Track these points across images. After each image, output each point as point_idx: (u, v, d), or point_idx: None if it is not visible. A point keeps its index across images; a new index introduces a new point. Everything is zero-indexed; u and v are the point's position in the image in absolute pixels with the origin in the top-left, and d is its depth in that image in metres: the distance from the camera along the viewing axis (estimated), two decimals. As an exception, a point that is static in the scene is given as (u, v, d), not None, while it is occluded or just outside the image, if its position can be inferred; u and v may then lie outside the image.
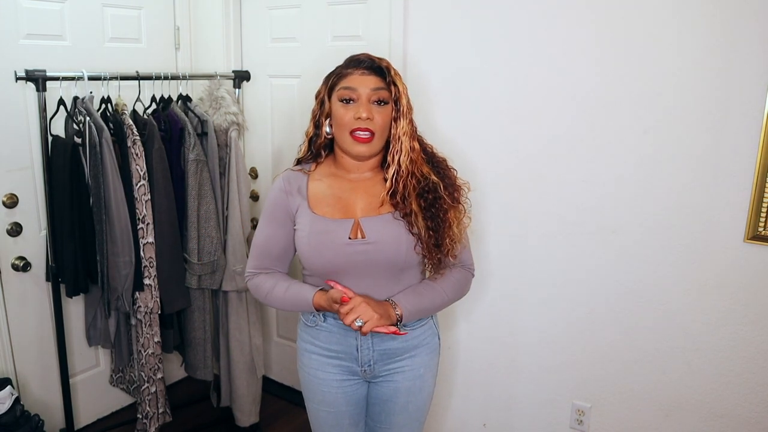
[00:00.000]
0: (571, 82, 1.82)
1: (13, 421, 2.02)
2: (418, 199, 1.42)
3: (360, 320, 1.34)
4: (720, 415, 1.77)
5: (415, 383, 1.54)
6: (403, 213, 1.42)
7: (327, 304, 1.41)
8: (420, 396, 1.57)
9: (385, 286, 1.46)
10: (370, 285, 1.44)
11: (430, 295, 1.48)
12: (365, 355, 1.50)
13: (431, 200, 1.42)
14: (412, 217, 1.41)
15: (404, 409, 1.55)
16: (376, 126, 1.39)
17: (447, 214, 1.43)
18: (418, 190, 1.42)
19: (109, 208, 2.01)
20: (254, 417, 2.50)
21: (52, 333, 2.34)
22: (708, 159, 1.65)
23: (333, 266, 1.43)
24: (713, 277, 1.71)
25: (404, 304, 1.43)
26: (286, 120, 2.58)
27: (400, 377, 1.53)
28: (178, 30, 2.63)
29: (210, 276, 2.27)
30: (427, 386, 1.58)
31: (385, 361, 1.52)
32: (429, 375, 1.58)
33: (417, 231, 1.41)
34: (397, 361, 1.52)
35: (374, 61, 1.42)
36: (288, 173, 1.52)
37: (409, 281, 1.48)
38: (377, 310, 1.36)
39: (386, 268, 1.44)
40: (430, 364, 1.57)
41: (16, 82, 1.94)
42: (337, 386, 1.53)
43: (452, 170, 1.51)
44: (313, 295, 1.43)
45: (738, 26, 1.56)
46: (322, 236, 1.42)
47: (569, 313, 1.97)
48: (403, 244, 1.42)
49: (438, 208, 1.42)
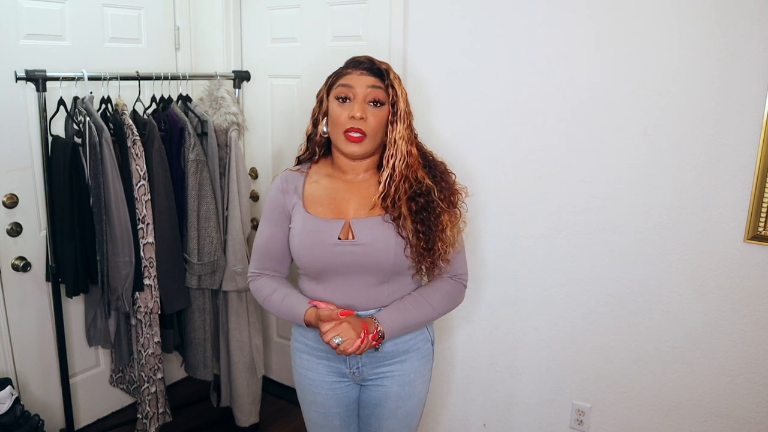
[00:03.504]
0: (571, 82, 1.82)
1: (13, 421, 2.02)
2: (408, 203, 1.41)
3: (338, 338, 1.34)
4: (720, 415, 1.77)
5: (404, 389, 1.53)
6: (393, 216, 1.42)
7: (315, 322, 1.42)
8: (410, 402, 1.55)
9: (374, 289, 1.45)
10: (359, 287, 1.45)
11: (416, 310, 1.47)
12: (353, 357, 1.50)
13: (422, 204, 1.42)
14: (401, 220, 1.41)
15: (393, 414, 1.54)
16: (368, 127, 1.39)
17: (440, 218, 1.42)
18: (409, 194, 1.41)
19: (109, 208, 2.01)
20: (254, 417, 2.50)
21: (52, 333, 2.34)
22: (708, 159, 1.65)
23: (322, 265, 1.44)
24: (713, 277, 1.71)
25: (387, 322, 1.42)
26: (286, 120, 2.58)
27: (389, 382, 1.52)
28: (178, 30, 2.63)
29: (210, 276, 2.27)
30: (417, 392, 1.56)
31: (374, 365, 1.51)
32: (420, 381, 1.56)
33: (405, 234, 1.41)
34: (386, 365, 1.51)
35: (374, 63, 1.43)
36: (286, 173, 1.54)
37: (399, 286, 1.48)
38: (357, 330, 1.36)
39: (375, 271, 1.44)
40: (421, 370, 1.56)
41: (16, 82, 1.94)
42: (327, 387, 1.54)
43: (451, 174, 1.51)
44: (305, 311, 1.43)
45: (738, 26, 1.56)
46: (312, 235, 1.43)
47: (569, 314, 1.97)
48: (392, 247, 1.41)
49: (429, 212, 1.41)
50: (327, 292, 1.47)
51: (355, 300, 1.45)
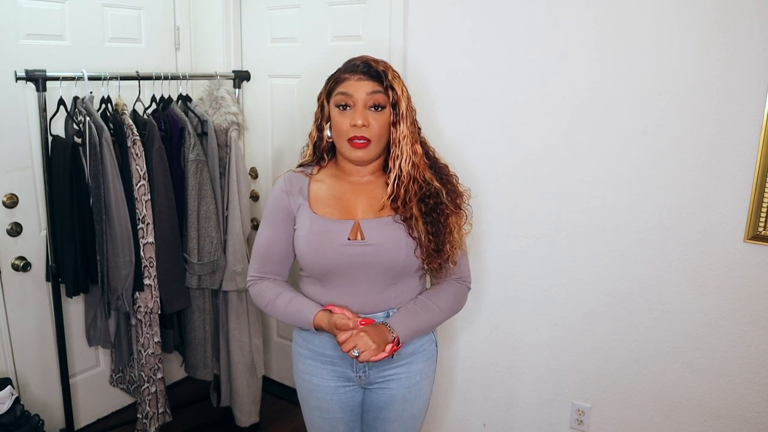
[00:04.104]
0: (571, 82, 1.82)
1: (13, 421, 2.02)
2: (419, 204, 1.40)
3: (357, 350, 1.33)
4: (720, 415, 1.77)
5: (410, 391, 1.52)
6: (404, 217, 1.41)
7: (328, 327, 1.39)
8: (416, 404, 1.55)
9: (382, 291, 1.44)
10: (366, 289, 1.43)
11: (426, 314, 1.46)
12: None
13: (432, 205, 1.41)
14: (413, 221, 1.40)
15: (399, 416, 1.53)
16: (372, 132, 1.38)
17: (448, 220, 1.42)
18: (419, 195, 1.41)
19: (109, 208, 2.01)
20: (254, 417, 2.50)
21: (52, 333, 2.34)
22: (708, 159, 1.65)
23: (330, 267, 1.42)
24: (713, 277, 1.71)
25: (400, 328, 1.41)
26: (286, 120, 2.58)
27: (395, 384, 1.51)
28: (178, 30, 2.63)
29: (210, 276, 2.27)
30: (423, 394, 1.56)
31: (380, 368, 1.50)
32: (425, 383, 1.56)
33: (417, 235, 1.40)
34: (392, 368, 1.50)
35: (371, 65, 1.40)
36: (289, 174, 1.51)
37: (407, 288, 1.47)
38: (375, 340, 1.34)
39: (384, 272, 1.42)
40: (426, 372, 1.55)
41: (16, 82, 1.94)
42: (332, 392, 1.51)
43: (453, 176, 1.50)
44: (315, 315, 1.41)
45: (738, 26, 1.56)
46: (321, 236, 1.41)
47: (569, 313, 1.97)
48: (403, 247, 1.41)
49: (439, 213, 1.41)
50: (333, 294, 1.45)
51: (362, 302, 1.44)
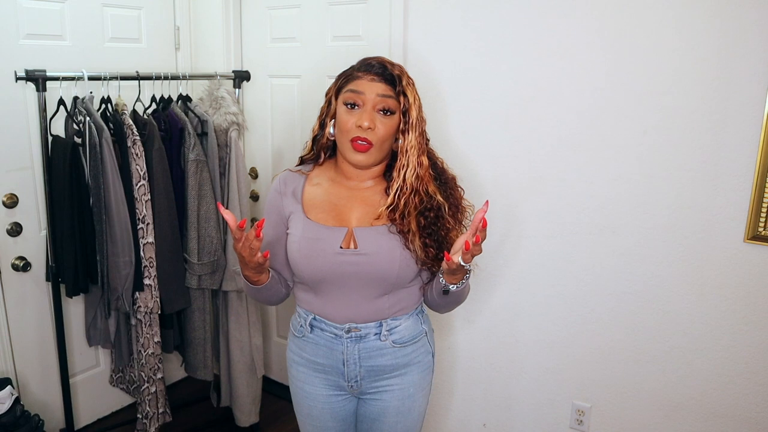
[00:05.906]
0: (571, 82, 1.82)
1: (13, 421, 2.02)
2: (418, 217, 1.35)
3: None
4: (720, 415, 1.77)
5: (404, 403, 1.48)
6: (400, 229, 1.35)
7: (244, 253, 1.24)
8: (409, 416, 1.50)
9: (374, 301, 1.39)
10: (358, 299, 1.38)
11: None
12: (351, 370, 1.44)
13: (432, 219, 1.36)
14: (409, 235, 1.35)
15: (393, 429, 1.50)
16: (376, 137, 1.33)
17: (449, 234, 1.38)
18: (419, 209, 1.35)
19: (109, 208, 2.01)
20: (254, 417, 2.50)
21: (52, 333, 2.34)
22: (708, 159, 1.65)
23: (322, 275, 1.37)
24: (713, 277, 1.71)
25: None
26: (286, 120, 2.58)
27: (388, 396, 1.47)
28: (178, 30, 2.63)
29: (210, 276, 2.26)
30: (417, 406, 1.51)
31: (372, 378, 1.45)
32: (420, 395, 1.51)
33: (413, 249, 1.35)
34: (385, 379, 1.46)
35: (386, 67, 1.35)
36: (286, 174, 1.47)
37: (401, 298, 1.42)
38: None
39: (377, 283, 1.37)
40: (421, 384, 1.50)
41: (16, 82, 1.94)
42: (324, 401, 1.48)
43: (459, 189, 1.45)
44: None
45: (738, 27, 1.56)
46: (313, 243, 1.36)
47: (569, 314, 1.97)
48: (397, 258, 1.35)
49: (439, 227, 1.37)
50: (325, 302, 1.41)
51: (354, 312, 1.40)
